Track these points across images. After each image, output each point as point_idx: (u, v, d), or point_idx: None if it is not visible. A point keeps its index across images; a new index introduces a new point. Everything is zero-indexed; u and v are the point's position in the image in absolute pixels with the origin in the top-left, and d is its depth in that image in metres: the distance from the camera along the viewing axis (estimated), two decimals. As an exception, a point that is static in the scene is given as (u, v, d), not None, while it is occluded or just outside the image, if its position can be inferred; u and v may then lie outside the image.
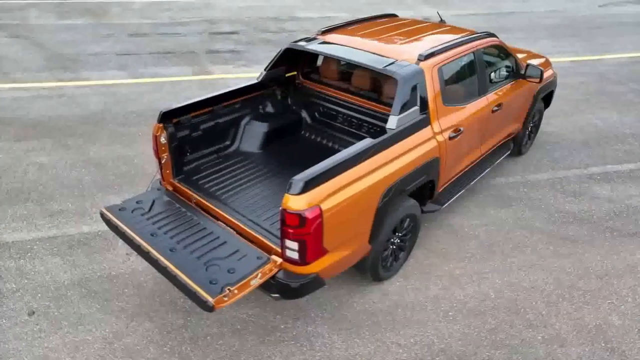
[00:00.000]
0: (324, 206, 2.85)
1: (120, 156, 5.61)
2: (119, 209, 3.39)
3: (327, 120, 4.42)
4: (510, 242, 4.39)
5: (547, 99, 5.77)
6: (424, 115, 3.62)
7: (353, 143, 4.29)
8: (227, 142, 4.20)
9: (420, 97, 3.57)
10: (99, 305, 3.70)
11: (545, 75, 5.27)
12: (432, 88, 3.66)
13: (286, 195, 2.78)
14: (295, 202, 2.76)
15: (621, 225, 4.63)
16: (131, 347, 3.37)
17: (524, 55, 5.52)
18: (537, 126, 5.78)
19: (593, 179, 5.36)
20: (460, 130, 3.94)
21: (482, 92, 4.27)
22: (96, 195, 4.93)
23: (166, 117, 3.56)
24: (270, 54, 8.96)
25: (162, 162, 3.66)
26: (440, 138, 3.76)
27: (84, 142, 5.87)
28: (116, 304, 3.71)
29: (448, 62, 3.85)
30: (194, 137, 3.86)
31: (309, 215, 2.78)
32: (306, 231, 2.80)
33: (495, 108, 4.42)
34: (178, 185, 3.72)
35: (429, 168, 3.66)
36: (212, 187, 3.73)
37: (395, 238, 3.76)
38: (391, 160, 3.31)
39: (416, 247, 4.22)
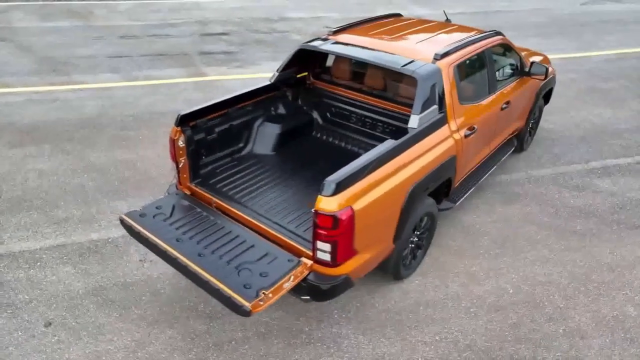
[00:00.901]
0: (356, 207, 2.85)
1: (123, 161, 5.50)
2: (140, 215, 3.33)
3: (339, 120, 4.42)
4: (521, 238, 4.46)
5: (547, 96, 5.87)
6: (442, 114, 3.65)
7: (367, 143, 4.32)
8: (241, 145, 4.16)
9: (439, 96, 3.60)
10: (117, 313, 3.62)
11: (547, 72, 5.36)
12: (448, 87, 3.69)
13: (319, 197, 2.77)
14: (329, 204, 2.75)
15: (625, 218, 4.75)
16: (155, 355, 3.31)
17: (524, 53, 5.60)
18: (537, 123, 5.88)
19: (594, 174, 5.48)
20: (474, 128, 3.99)
21: (492, 90, 4.33)
22: (102, 201, 4.83)
23: (184, 120, 3.51)
24: (264, 55, 8.93)
25: (180, 166, 3.61)
26: (456, 136, 3.79)
27: (83, 147, 5.74)
28: (135, 311, 3.64)
29: (462, 61, 3.89)
30: (209, 140, 3.82)
31: (342, 216, 2.77)
32: (339, 232, 2.80)
33: (504, 106, 4.48)
34: (196, 189, 3.66)
35: (448, 166, 3.69)
36: (231, 190, 3.69)
37: (414, 237, 3.78)
38: (414, 160, 3.33)
39: (431, 246, 4.25)
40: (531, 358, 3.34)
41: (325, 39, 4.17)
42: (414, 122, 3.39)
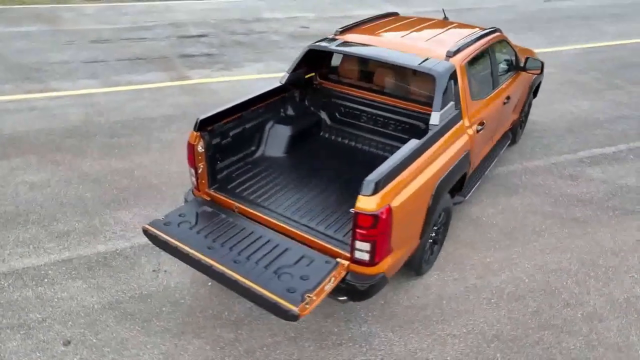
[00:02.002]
0: (393, 205, 2.87)
1: (118, 169, 5.32)
2: (164, 224, 3.23)
3: (349, 120, 4.42)
4: (527, 228, 4.60)
5: (535, 90, 6.08)
6: (458, 111, 3.72)
7: (378, 141, 4.35)
8: (253, 148, 4.10)
9: (454, 93, 3.66)
10: (139, 327, 3.50)
11: (537, 67, 5.55)
12: (462, 83, 3.77)
13: (359, 197, 2.77)
14: (369, 203, 2.76)
15: (620, 204, 4.98)
16: (187, 367, 3.23)
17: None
18: (527, 115, 6.08)
19: (584, 163, 5.72)
20: (484, 123, 4.09)
21: (495, 85, 4.44)
22: (103, 212, 4.65)
23: (203, 125, 3.43)
24: (246, 56, 8.83)
25: (199, 171, 3.52)
26: (470, 132, 3.87)
27: (73, 157, 5.51)
28: (157, 324, 3.53)
29: (471, 58, 3.97)
30: (224, 144, 3.74)
31: (382, 215, 2.78)
32: (378, 231, 2.81)
33: (506, 101, 4.61)
34: (215, 194, 3.58)
35: (465, 161, 3.77)
36: (251, 194, 3.64)
37: (432, 232, 3.84)
38: (438, 156, 3.38)
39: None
40: (556, 343, 3.45)
41: (332, 39, 4.17)
42: (435, 119, 3.44)
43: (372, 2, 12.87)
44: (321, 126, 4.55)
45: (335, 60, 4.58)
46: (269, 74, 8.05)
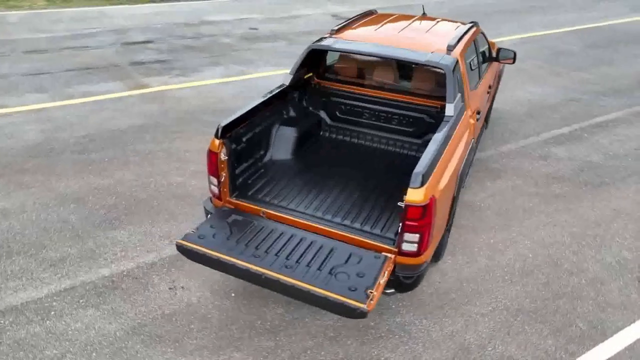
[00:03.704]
0: (436, 195, 2.96)
1: (99, 187, 4.98)
2: (199, 237, 3.09)
3: (350, 117, 4.47)
4: (518, 208, 4.91)
5: (497, 79, 6.49)
6: (463, 102, 3.90)
7: (381, 137, 4.43)
8: (262, 152, 4.03)
9: (459, 85, 3.84)
10: (171, 348, 3.33)
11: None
12: (463, 75, 3.95)
13: (409, 189, 2.83)
14: (418, 195, 2.83)
15: (590, 179, 5.46)
16: (234, 381, 3.13)
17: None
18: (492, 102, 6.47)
19: (549, 143, 6.20)
20: (480, 112, 4.31)
21: (481, 76, 4.70)
22: (95, 233, 4.35)
23: (224, 132, 3.32)
24: (202, 61, 8.57)
25: (222, 180, 3.40)
26: (471, 121, 4.08)
27: (44, 178, 5.08)
28: (190, 342, 3.38)
29: (466, 51, 4.17)
30: (239, 150, 3.65)
31: (430, 205, 2.87)
32: (426, 222, 2.89)
33: (489, 90, 4.89)
34: (238, 202, 3.49)
35: (473, 149, 3.96)
36: (274, 198, 3.58)
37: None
38: (456, 145, 3.53)
39: (448, 226, 4.51)
40: (572, 309, 3.74)
41: (331, 39, 4.18)
42: (450, 110, 3.58)
43: (316, 2, 12.97)
44: (321, 126, 4.56)
45: (329, 60, 4.60)
46: (231, 78, 7.89)
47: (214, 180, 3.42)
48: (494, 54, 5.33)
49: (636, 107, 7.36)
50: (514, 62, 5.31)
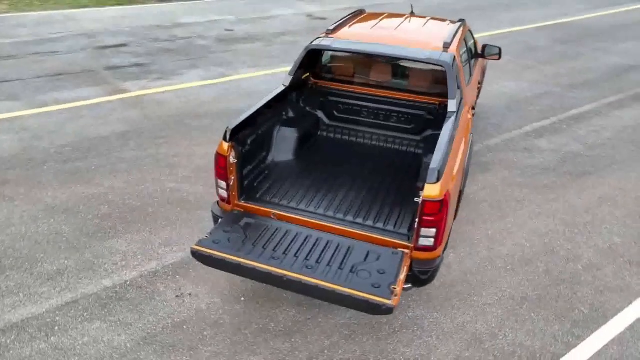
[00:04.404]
0: (450, 189, 3.02)
1: (89, 196, 4.81)
2: (214, 242, 3.03)
3: (349, 116, 4.48)
4: (511, 199, 5.06)
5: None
6: (462, 98, 3.98)
7: (380, 134, 4.47)
8: (264, 153, 3.99)
9: (458, 81, 3.92)
10: (187, 357, 3.26)
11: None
12: (460, 72, 4.04)
13: (426, 185, 2.87)
14: (435, 190, 2.87)
15: (572, 169, 5.68)
16: (255, 386, 3.09)
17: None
18: (475, 99, 6.64)
19: (531, 136, 6.41)
20: (474, 107, 4.42)
21: (471, 72, 4.81)
22: (92, 244, 4.20)
23: (233, 134, 3.27)
24: (180, 64, 8.41)
25: (231, 183, 3.35)
26: (468, 116, 4.17)
27: (28, 189, 4.87)
28: (205, 349, 3.32)
29: (460, 48, 4.27)
30: (244, 152, 3.60)
31: (445, 200, 2.92)
32: (442, 216, 2.94)
33: (479, 85, 5.01)
34: (247, 205, 3.44)
35: (471, 144, 4.05)
36: (283, 199, 3.55)
37: (452, 213, 4.07)
38: (461, 140, 3.61)
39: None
40: (573, 294, 3.89)
41: (329, 39, 4.18)
42: (453, 105, 3.66)
43: (286, 2, 12.94)
44: (319, 125, 4.56)
45: (324, 59, 4.60)
46: (212, 80, 7.78)
47: (223, 184, 3.37)
48: (479, 51, 5.46)
49: (606, 99, 7.70)
50: (499, 58, 5.46)
